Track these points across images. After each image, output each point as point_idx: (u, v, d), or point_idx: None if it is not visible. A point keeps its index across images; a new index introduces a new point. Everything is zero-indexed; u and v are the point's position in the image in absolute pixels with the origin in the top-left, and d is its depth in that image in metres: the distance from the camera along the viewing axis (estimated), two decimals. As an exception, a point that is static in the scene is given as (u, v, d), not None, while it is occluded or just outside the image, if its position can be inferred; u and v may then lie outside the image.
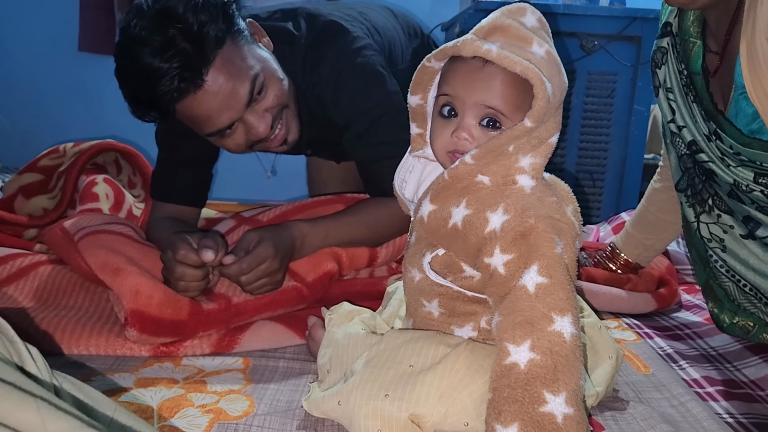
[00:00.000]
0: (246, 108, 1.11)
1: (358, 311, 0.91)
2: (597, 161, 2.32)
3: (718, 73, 0.99)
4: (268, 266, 1.04)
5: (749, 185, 0.95)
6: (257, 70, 1.11)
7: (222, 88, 1.06)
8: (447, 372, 0.72)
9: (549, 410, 0.63)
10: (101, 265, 1.05)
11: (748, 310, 1.08)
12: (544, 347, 0.65)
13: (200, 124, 1.11)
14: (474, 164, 0.73)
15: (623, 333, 1.16)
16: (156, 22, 1.02)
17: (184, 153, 1.30)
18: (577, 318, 0.68)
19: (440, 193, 0.76)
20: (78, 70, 3.40)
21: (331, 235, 1.19)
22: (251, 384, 0.90)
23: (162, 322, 0.98)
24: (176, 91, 1.04)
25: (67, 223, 1.25)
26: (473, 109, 0.73)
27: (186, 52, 1.02)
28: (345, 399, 0.73)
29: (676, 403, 0.89)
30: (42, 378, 0.48)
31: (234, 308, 1.04)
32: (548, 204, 0.72)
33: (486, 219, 0.72)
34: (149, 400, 0.82)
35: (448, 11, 2.96)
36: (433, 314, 0.81)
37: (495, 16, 0.75)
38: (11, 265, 1.18)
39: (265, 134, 1.15)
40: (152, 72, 1.02)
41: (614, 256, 1.38)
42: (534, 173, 0.74)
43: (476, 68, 0.72)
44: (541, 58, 0.71)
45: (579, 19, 2.20)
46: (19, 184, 1.60)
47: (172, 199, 1.31)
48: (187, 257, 1.01)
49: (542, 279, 0.67)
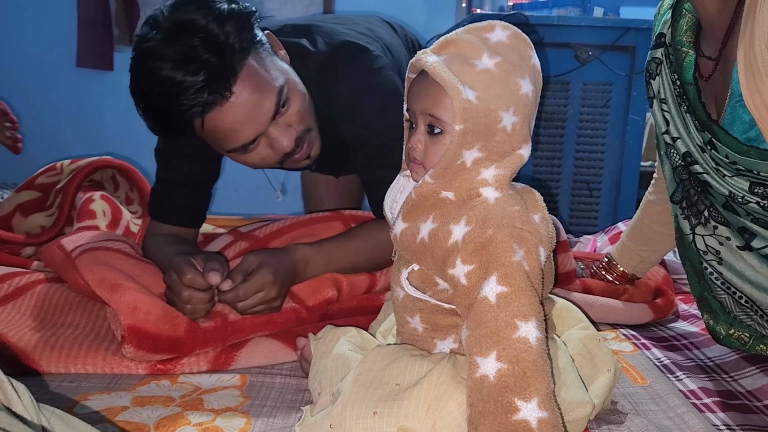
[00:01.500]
0: (270, 121, 1.08)
1: (342, 331, 0.92)
2: (593, 171, 2.33)
3: (712, 78, 0.98)
4: (265, 294, 1.04)
5: (745, 196, 0.95)
6: (282, 82, 1.08)
7: (248, 101, 1.03)
8: (432, 385, 0.73)
9: (522, 417, 0.65)
10: (99, 281, 1.05)
11: (744, 322, 1.08)
12: (510, 355, 0.67)
13: (223, 140, 1.07)
14: (434, 183, 0.77)
15: (620, 344, 1.16)
16: (176, 33, 0.99)
17: (183, 174, 1.28)
18: (542, 322, 0.70)
19: (410, 212, 0.80)
20: (76, 86, 3.42)
21: (334, 260, 1.18)
22: (248, 401, 0.90)
23: (159, 338, 0.98)
24: (203, 105, 1.00)
25: (64, 241, 1.25)
26: (421, 118, 0.78)
27: (211, 64, 0.98)
28: (336, 421, 0.73)
29: (672, 414, 0.89)
30: (29, 418, 0.48)
31: (230, 326, 1.04)
32: (510, 213, 0.74)
33: (449, 231, 0.75)
34: (146, 419, 0.82)
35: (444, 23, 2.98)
36: (418, 330, 0.83)
37: (456, 31, 0.79)
38: (9, 285, 1.19)
39: (289, 148, 1.11)
40: (175, 86, 0.98)
41: (611, 267, 1.39)
42: (498, 184, 0.77)
43: (421, 80, 0.78)
44: (483, 69, 0.74)
45: (573, 30, 2.21)
46: (16, 202, 1.60)
47: (170, 220, 1.29)
48: (194, 281, 1.00)
49: (502, 288, 0.70)
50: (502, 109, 0.74)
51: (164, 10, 1.02)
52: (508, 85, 0.75)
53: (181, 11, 1.00)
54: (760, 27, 0.83)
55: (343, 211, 1.39)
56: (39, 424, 0.49)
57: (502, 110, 0.74)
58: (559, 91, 2.25)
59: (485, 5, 2.59)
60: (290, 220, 1.36)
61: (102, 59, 3.31)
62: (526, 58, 0.78)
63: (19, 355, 0.97)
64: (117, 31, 3.42)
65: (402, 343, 0.86)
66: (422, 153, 0.79)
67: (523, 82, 0.76)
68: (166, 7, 1.02)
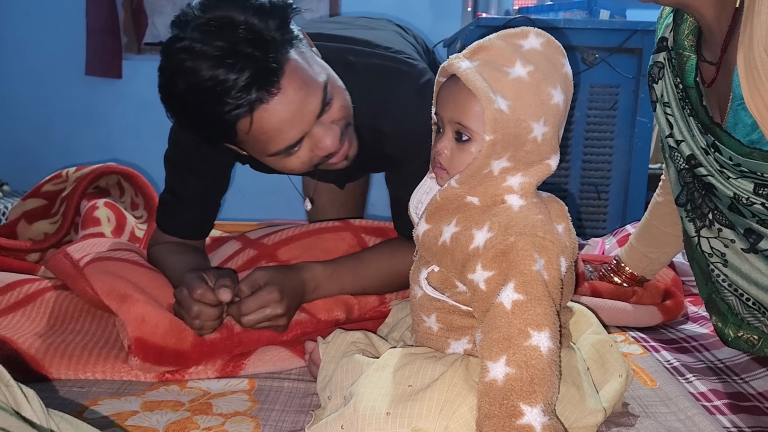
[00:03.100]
0: (316, 120, 1.00)
1: (351, 335, 0.92)
2: (601, 173, 2.32)
3: (714, 83, 0.99)
4: (271, 311, 1.02)
5: (750, 198, 0.95)
6: (325, 78, 1.00)
7: (295, 97, 0.95)
8: (445, 387, 0.73)
9: (527, 422, 0.65)
10: (108, 291, 1.06)
11: (751, 324, 1.07)
12: (519, 361, 0.67)
13: (267, 142, 0.98)
14: (459, 188, 0.77)
15: (630, 347, 1.16)
16: (214, 30, 0.90)
17: (194, 190, 1.24)
18: (556, 333, 0.70)
19: (434, 213, 0.81)
20: (85, 94, 3.44)
21: (347, 287, 1.17)
22: (257, 405, 0.90)
23: (165, 351, 0.98)
24: (249, 103, 0.91)
25: (70, 249, 1.25)
26: (449, 125, 0.78)
27: (255, 58, 0.90)
28: (348, 422, 0.73)
29: (683, 417, 0.89)
30: (38, 422, 0.48)
31: (236, 337, 1.04)
32: (533, 222, 0.74)
33: (471, 236, 0.75)
34: (156, 424, 0.82)
35: (450, 27, 2.99)
36: (433, 329, 0.84)
37: (489, 37, 0.78)
38: (19, 292, 1.19)
39: (334, 148, 1.03)
40: (218, 84, 0.89)
41: (619, 269, 1.38)
42: (523, 192, 0.77)
43: (451, 85, 0.77)
44: (516, 78, 0.74)
45: (580, 33, 2.21)
46: (22, 210, 1.61)
47: (177, 233, 1.28)
48: (204, 296, 0.99)
49: (518, 296, 0.70)
50: (532, 120, 0.74)
51: (194, 10, 0.93)
52: (540, 95, 0.74)
53: (216, 8, 0.92)
54: (758, 31, 0.84)
55: (353, 221, 1.38)
56: (48, 429, 0.49)
57: (533, 120, 0.74)
58: (567, 93, 2.24)
59: (491, 9, 2.59)
60: (299, 228, 1.35)
61: (110, 67, 3.33)
62: (558, 67, 0.78)
63: (29, 361, 0.98)
64: (125, 40, 3.44)
65: (415, 344, 0.87)
66: (448, 159, 0.79)
67: (555, 92, 0.75)
68: (195, 6, 0.93)
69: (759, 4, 0.85)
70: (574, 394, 0.78)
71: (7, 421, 0.41)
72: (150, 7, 3.48)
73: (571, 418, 0.77)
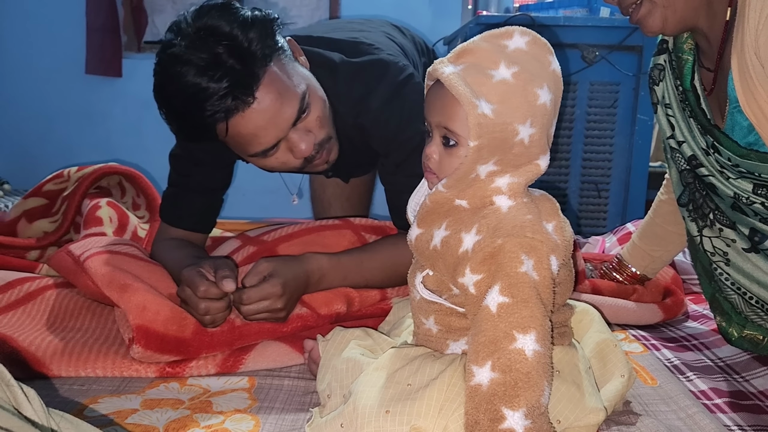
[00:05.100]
0: (291, 127, 1.08)
1: (351, 333, 0.92)
2: (601, 171, 2.32)
3: (714, 89, 1.00)
4: (271, 303, 1.03)
5: (749, 197, 0.96)
6: (303, 89, 1.09)
7: (270, 107, 1.03)
8: (445, 386, 0.73)
9: (508, 426, 0.66)
10: (108, 282, 1.06)
11: (755, 322, 1.07)
12: (503, 365, 0.67)
13: (245, 144, 1.08)
14: (447, 192, 0.77)
15: (630, 345, 1.16)
16: (200, 39, 0.99)
17: (198, 181, 1.29)
18: (545, 335, 0.70)
19: (425, 218, 0.81)
20: (85, 93, 3.44)
21: (350, 278, 1.18)
22: (256, 403, 0.90)
23: (166, 338, 0.99)
24: (225, 111, 1.01)
25: (72, 247, 1.26)
26: (436, 130, 0.78)
27: (234, 70, 0.99)
28: (347, 421, 0.74)
29: (683, 415, 0.89)
30: (39, 421, 0.48)
31: (237, 330, 1.05)
32: (521, 223, 0.74)
33: (460, 239, 0.75)
34: (156, 422, 0.82)
35: (450, 25, 2.99)
36: (432, 331, 0.84)
37: (473, 38, 0.78)
38: (19, 290, 1.20)
39: (308, 153, 1.11)
40: (199, 92, 0.99)
41: (621, 267, 1.38)
42: (512, 192, 0.77)
43: (438, 90, 0.77)
44: (500, 80, 0.73)
45: (580, 31, 2.21)
46: (23, 209, 1.61)
47: (181, 224, 1.30)
48: (209, 292, 1.00)
49: (504, 299, 0.70)
50: (518, 122, 0.73)
51: (188, 16, 1.02)
52: (526, 96, 0.74)
53: (206, 18, 1.01)
54: (747, 36, 0.87)
55: (353, 219, 1.39)
56: (49, 428, 0.49)
57: (519, 123, 0.73)
58: (566, 91, 2.23)
59: (491, 7, 2.59)
60: (299, 225, 1.35)
61: (110, 66, 3.33)
62: (546, 65, 0.77)
63: (29, 359, 0.98)
64: (125, 38, 3.44)
65: (415, 344, 0.87)
66: (437, 164, 0.79)
67: (541, 92, 0.75)
68: (189, 13, 1.03)
69: (747, 10, 0.87)
70: (574, 392, 0.78)
71: (9, 421, 0.41)
72: (150, 6, 3.49)
73: (571, 417, 0.77)
